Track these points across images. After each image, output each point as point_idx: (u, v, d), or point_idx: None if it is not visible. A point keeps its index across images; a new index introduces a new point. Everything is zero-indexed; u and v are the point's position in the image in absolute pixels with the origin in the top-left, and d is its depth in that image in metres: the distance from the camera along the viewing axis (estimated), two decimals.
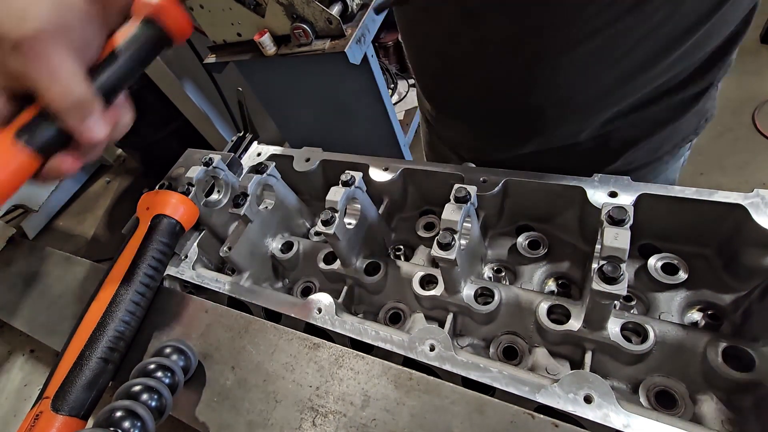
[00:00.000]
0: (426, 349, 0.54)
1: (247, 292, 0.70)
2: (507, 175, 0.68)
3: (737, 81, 2.78)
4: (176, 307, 0.71)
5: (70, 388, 0.58)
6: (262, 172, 0.73)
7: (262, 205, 0.77)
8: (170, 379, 0.56)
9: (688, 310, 0.61)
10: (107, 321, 0.64)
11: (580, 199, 0.62)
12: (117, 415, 0.49)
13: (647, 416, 0.44)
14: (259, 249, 0.77)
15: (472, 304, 0.61)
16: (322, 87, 2.08)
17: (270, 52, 1.86)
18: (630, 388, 0.56)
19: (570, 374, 0.48)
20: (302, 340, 0.61)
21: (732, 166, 2.45)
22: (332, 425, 0.52)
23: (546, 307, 0.58)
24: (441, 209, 0.56)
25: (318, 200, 0.95)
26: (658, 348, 0.54)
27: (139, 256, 0.70)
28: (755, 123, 2.55)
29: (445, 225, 0.55)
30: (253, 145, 0.97)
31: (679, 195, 0.57)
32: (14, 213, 2.66)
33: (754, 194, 0.54)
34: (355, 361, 0.57)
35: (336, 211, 0.62)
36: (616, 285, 0.45)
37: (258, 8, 1.83)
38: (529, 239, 0.73)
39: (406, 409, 0.51)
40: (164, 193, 0.75)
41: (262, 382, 0.58)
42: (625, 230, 0.47)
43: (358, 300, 0.75)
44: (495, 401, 0.49)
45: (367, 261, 0.71)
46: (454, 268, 0.56)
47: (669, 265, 0.63)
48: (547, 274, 0.71)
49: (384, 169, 0.77)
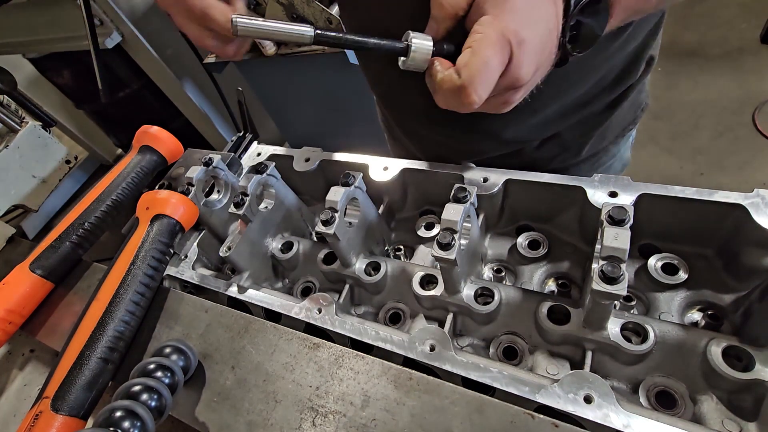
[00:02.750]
0: (426, 349, 0.54)
1: (247, 292, 0.70)
2: (507, 175, 0.68)
3: (737, 81, 2.78)
4: (176, 307, 0.71)
5: (70, 388, 0.58)
6: (262, 172, 0.73)
7: (262, 205, 0.77)
8: (170, 379, 0.56)
9: (688, 310, 0.61)
10: (107, 321, 0.64)
11: (580, 199, 0.62)
12: (117, 415, 0.49)
13: (647, 416, 0.44)
14: (259, 249, 0.77)
15: (472, 304, 0.61)
16: (322, 87, 2.08)
17: (270, 52, 1.86)
18: (630, 388, 0.56)
19: (570, 374, 0.48)
20: (302, 340, 0.60)
21: (732, 166, 2.45)
22: (332, 425, 0.52)
23: (546, 307, 0.58)
24: (441, 209, 0.56)
25: (318, 200, 0.95)
26: (658, 348, 0.54)
27: (138, 256, 0.70)
28: (755, 123, 2.55)
29: (445, 225, 0.55)
30: (253, 145, 0.97)
31: (679, 195, 0.57)
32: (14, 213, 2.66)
33: (754, 194, 0.54)
34: (355, 361, 0.56)
35: (336, 211, 0.62)
36: (616, 285, 0.45)
37: (258, 8, 1.83)
38: (529, 239, 0.73)
39: (406, 409, 0.51)
40: (164, 193, 0.75)
41: (262, 382, 0.58)
42: (625, 230, 0.47)
43: (358, 300, 0.75)
44: (495, 401, 0.49)
45: (367, 261, 0.71)
46: (454, 268, 0.56)
47: (669, 265, 0.63)
48: (547, 274, 0.71)
49: (384, 169, 0.77)
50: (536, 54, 0.47)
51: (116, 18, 1.96)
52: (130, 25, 1.98)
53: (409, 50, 0.49)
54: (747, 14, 3.08)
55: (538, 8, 0.46)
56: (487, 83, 0.45)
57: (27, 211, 1.90)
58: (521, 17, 0.45)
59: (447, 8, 0.48)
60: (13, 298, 0.76)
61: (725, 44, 3.00)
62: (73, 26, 1.92)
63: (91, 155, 3.48)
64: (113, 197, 0.86)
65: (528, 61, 0.46)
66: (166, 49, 2.18)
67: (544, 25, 0.46)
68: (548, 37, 0.47)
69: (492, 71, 0.45)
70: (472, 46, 0.45)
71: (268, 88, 2.22)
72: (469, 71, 0.45)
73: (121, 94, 2.40)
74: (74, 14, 1.70)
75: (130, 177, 0.89)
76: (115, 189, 0.87)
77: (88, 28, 1.49)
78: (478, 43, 0.44)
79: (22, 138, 1.94)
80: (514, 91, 0.50)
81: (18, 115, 2.31)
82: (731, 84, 2.79)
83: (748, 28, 2.99)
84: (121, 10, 1.95)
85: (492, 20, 0.44)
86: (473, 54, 0.44)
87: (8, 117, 1.95)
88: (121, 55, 2.12)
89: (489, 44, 0.44)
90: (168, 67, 2.19)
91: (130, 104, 2.48)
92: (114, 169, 0.91)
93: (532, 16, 0.45)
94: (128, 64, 2.23)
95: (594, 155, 0.87)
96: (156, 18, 2.08)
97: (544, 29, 0.46)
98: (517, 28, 0.44)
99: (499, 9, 0.45)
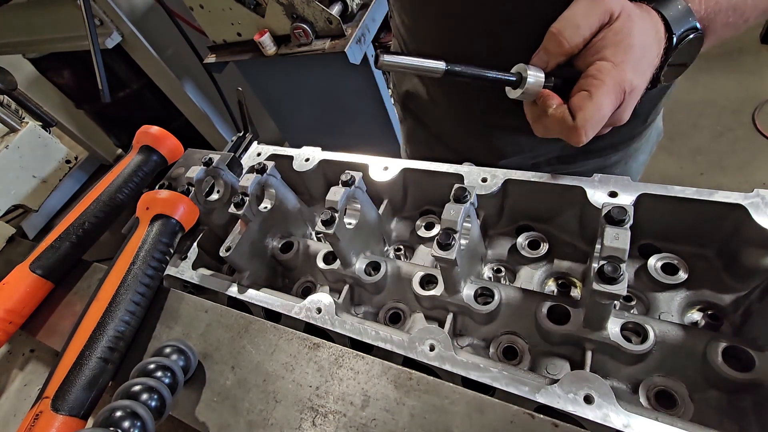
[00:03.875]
0: (426, 349, 0.54)
1: (247, 292, 0.70)
2: (507, 175, 0.68)
3: (737, 81, 2.78)
4: (176, 307, 0.71)
5: (70, 388, 0.58)
6: (262, 172, 0.73)
7: (262, 205, 0.77)
8: (170, 379, 0.56)
9: (688, 310, 0.61)
10: (107, 321, 0.64)
11: (580, 199, 0.62)
12: (117, 415, 0.49)
13: (647, 416, 0.44)
14: (259, 249, 0.77)
15: (472, 304, 0.61)
16: (322, 87, 2.08)
17: (270, 52, 1.86)
18: (630, 388, 0.56)
19: (570, 374, 0.48)
20: (302, 340, 0.61)
21: (732, 166, 2.45)
22: (332, 425, 0.52)
23: (546, 307, 0.58)
24: (441, 209, 0.56)
25: (318, 200, 0.95)
26: (658, 348, 0.54)
27: (139, 256, 0.70)
28: (755, 123, 2.55)
29: (445, 225, 0.55)
30: (253, 145, 0.97)
31: (679, 195, 0.57)
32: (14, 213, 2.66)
33: (754, 194, 0.54)
34: (355, 361, 0.56)
35: (336, 211, 0.62)
36: (616, 285, 0.45)
37: (258, 8, 1.83)
38: (529, 239, 0.73)
39: (406, 409, 0.51)
40: (164, 193, 0.75)
41: (261, 382, 0.58)
42: (625, 230, 0.47)
43: (358, 300, 0.75)
44: (495, 401, 0.49)
45: (367, 261, 0.71)
46: (454, 268, 0.56)
47: (669, 265, 0.63)
48: (547, 274, 0.71)
49: (384, 169, 0.77)
50: (640, 95, 0.50)
51: (116, 18, 1.96)
52: (130, 25, 1.98)
53: (523, 82, 0.52)
54: None
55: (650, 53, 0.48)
56: (597, 127, 0.48)
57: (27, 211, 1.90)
58: (636, 66, 0.47)
59: (564, 45, 0.50)
60: (13, 298, 0.76)
61: (725, 44, 2.99)
62: (73, 26, 1.92)
63: (91, 155, 3.48)
64: (113, 197, 0.86)
65: (633, 104, 0.49)
66: (166, 49, 2.19)
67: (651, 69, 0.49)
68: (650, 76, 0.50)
69: (604, 117, 0.48)
70: (590, 91, 0.47)
71: (268, 88, 2.22)
72: (584, 116, 0.47)
73: (121, 94, 2.41)
74: (74, 14, 1.71)
75: (130, 177, 0.89)
76: (115, 189, 0.87)
77: (88, 28, 1.49)
78: (597, 90, 0.46)
79: (22, 138, 1.94)
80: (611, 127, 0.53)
81: (18, 115, 2.31)
82: (731, 84, 2.79)
83: (748, 28, 2.99)
84: (121, 10, 1.95)
85: (611, 69, 0.46)
86: (591, 101, 0.47)
87: (8, 117, 1.95)
88: (121, 55, 2.13)
89: (606, 93, 0.46)
90: (168, 67, 2.20)
91: (130, 104, 2.48)
92: (114, 169, 0.91)
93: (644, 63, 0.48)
94: (128, 64, 2.23)
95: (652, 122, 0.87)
96: (156, 18, 2.08)
97: (650, 72, 0.49)
98: (632, 77, 0.47)
99: (620, 58, 0.47)
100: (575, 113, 0.48)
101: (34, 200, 2.12)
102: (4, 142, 1.97)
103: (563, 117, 0.49)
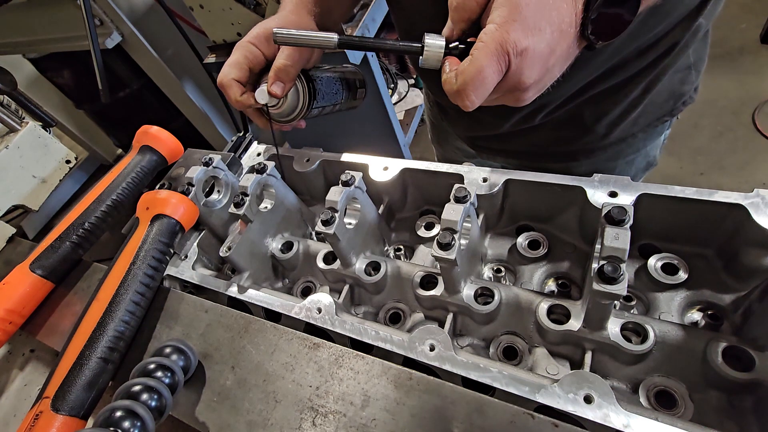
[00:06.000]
0: (426, 349, 0.54)
1: (247, 292, 0.70)
2: (507, 174, 0.68)
3: (737, 81, 2.78)
4: (176, 307, 0.71)
5: (70, 387, 0.58)
6: (262, 172, 0.73)
7: (262, 205, 0.77)
8: (170, 379, 0.56)
9: (688, 310, 0.61)
10: (107, 321, 0.64)
11: (580, 199, 0.62)
12: (117, 415, 0.49)
13: (647, 416, 0.44)
14: (259, 249, 0.77)
15: (472, 304, 0.61)
16: None
17: None
18: (630, 388, 0.56)
19: (570, 374, 0.48)
20: (302, 340, 0.60)
21: (732, 166, 2.45)
22: (332, 425, 0.52)
23: (546, 307, 0.58)
24: (441, 209, 0.56)
25: (318, 200, 0.95)
26: (658, 348, 0.54)
27: (138, 256, 0.70)
28: (755, 123, 2.55)
29: (445, 225, 0.55)
30: (253, 145, 0.97)
31: (679, 195, 0.57)
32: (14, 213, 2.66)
33: (754, 194, 0.54)
34: (355, 361, 0.56)
35: (336, 211, 0.62)
36: (616, 285, 0.45)
37: (258, 8, 1.83)
38: (529, 239, 0.73)
39: (406, 409, 0.51)
40: (164, 193, 0.75)
41: (262, 382, 0.58)
42: (625, 230, 0.47)
43: (358, 300, 0.75)
44: (495, 401, 0.49)
45: (367, 261, 0.71)
46: (454, 268, 0.56)
47: (669, 265, 0.63)
48: (547, 274, 0.71)
49: (384, 169, 0.77)
50: (541, 58, 0.47)
51: (116, 18, 1.96)
52: (130, 25, 1.98)
53: (423, 50, 0.51)
54: (747, 14, 3.08)
55: (547, 13, 0.46)
56: (480, 90, 0.48)
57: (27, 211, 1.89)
58: (525, 26, 0.45)
59: (461, 12, 0.50)
60: (13, 298, 0.76)
61: (725, 44, 3.00)
62: (73, 26, 1.92)
63: (91, 155, 3.48)
64: (113, 197, 0.86)
65: (530, 67, 0.47)
66: (166, 49, 2.19)
67: (553, 28, 0.47)
68: (560, 38, 0.47)
69: (485, 80, 0.47)
70: (472, 55, 0.47)
71: None
72: (463, 79, 0.47)
73: (121, 94, 2.41)
74: (74, 14, 1.71)
75: (130, 177, 0.89)
76: (115, 189, 0.87)
77: (88, 28, 1.49)
78: (477, 52, 0.46)
79: (22, 138, 1.94)
80: (522, 92, 0.51)
81: (18, 115, 2.31)
82: (731, 84, 2.78)
83: (748, 28, 2.99)
84: (121, 10, 1.95)
85: (494, 30, 0.46)
86: (470, 63, 0.47)
87: (8, 117, 1.95)
88: (121, 55, 2.12)
89: (485, 55, 0.46)
90: (168, 67, 2.20)
91: (130, 104, 2.48)
92: (114, 169, 0.91)
93: (539, 23, 0.46)
94: (128, 64, 2.23)
95: (621, 141, 0.85)
96: (156, 18, 2.08)
97: (554, 32, 0.47)
98: (518, 38, 0.45)
99: (504, 18, 0.45)
100: (457, 77, 0.48)
101: (34, 200, 2.12)
102: (4, 142, 1.97)
103: (449, 81, 0.49)
